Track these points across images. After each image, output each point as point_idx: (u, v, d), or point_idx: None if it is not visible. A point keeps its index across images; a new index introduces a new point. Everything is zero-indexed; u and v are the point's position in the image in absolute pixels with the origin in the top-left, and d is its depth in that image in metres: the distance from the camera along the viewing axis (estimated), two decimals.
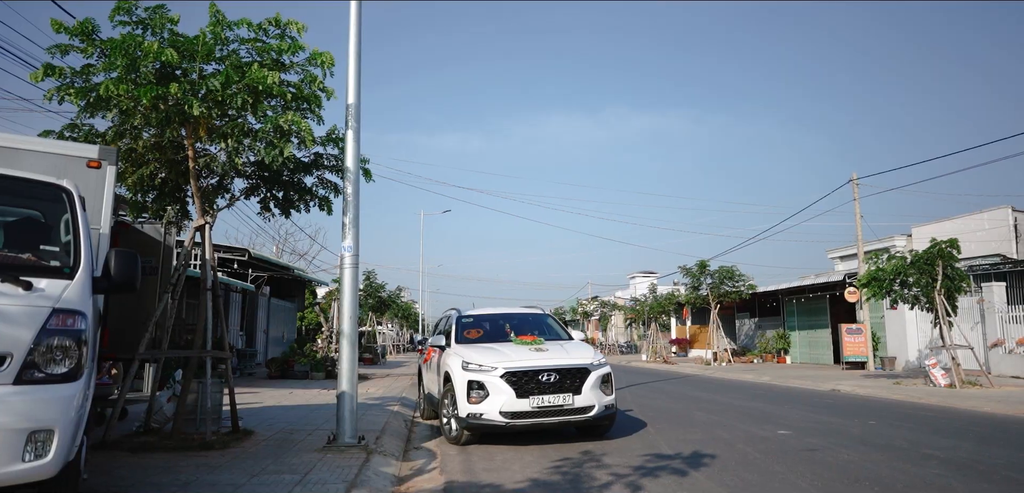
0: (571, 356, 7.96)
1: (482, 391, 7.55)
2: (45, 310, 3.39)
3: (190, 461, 6.09)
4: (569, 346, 8.50)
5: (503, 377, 7.56)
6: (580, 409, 7.60)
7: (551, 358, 7.86)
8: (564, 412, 7.54)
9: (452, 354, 8.32)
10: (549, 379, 7.58)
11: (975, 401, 12.30)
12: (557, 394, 7.54)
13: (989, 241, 24.44)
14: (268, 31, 7.08)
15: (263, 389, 14.14)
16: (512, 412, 7.43)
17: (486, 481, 5.90)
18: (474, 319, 9.60)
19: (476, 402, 7.54)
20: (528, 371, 7.60)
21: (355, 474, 5.71)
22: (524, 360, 7.76)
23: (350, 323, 7.15)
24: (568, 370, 7.70)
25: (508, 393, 7.46)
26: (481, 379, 7.60)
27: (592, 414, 7.67)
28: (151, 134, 7.27)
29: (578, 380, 7.68)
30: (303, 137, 7.09)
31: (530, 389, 7.51)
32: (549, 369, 7.66)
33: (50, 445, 3.28)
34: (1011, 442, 7.74)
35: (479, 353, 8.02)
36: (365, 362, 26.23)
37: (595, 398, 7.69)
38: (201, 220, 7.41)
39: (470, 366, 7.79)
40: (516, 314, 10.06)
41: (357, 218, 7.42)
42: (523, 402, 7.44)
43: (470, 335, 9.05)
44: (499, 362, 7.70)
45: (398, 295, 36.50)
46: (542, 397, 7.49)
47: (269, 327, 24.16)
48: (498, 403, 7.45)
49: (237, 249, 20.13)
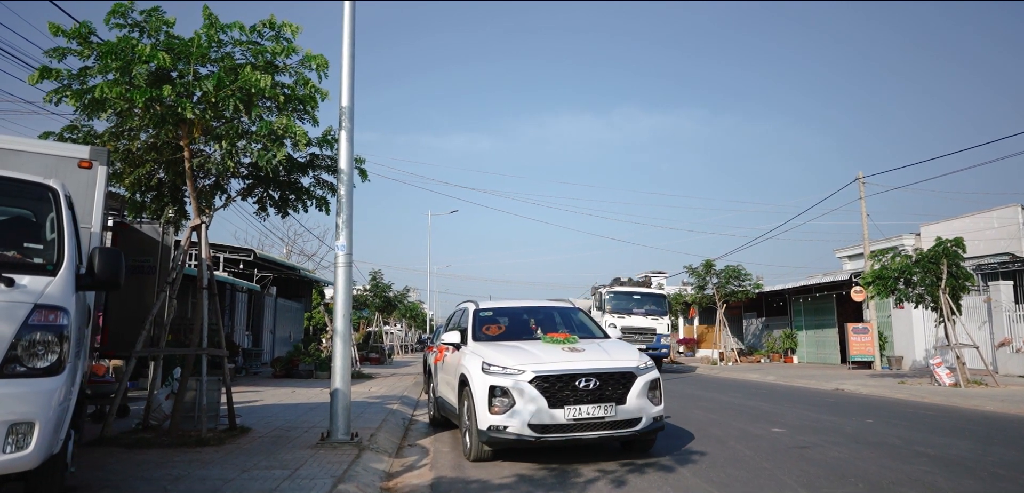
0: (613, 358, 6.72)
1: (507, 399, 6.29)
2: (27, 306, 3.48)
3: (184, 456, 6.18)
4: (608, 346, 7.26)
5: (533, 382, 6.26)
6: (625, 422, 6.35)
7: (589, 360, 6.59)
8: (605, 425, 6.28)
9: (469, 354, 7.15)
10: (588, 385, 6.29)
11: (979, 400, 12.21)
12: (597, 404, 6.26)
13: (998, 239, 24.23)
14: (262, 33, 7.18)
15: (266, 388, 14.27)
16: (543, 425, 6.14)
17: (473, 477, 5.96)
18: (493, 312, 8.39)
19: (499, 412, 6.27)
20: (563, 375, 6.31)
21: (344, 469, 5.77)
22: (557, 362, 6.50)
23: (343, 321, 7.23)
24: (610, 375, 6.43)
25: (539, 402, 6.18)
26: (505, 384, 6.32)
27: (639, 427, 6.40)
28: (148, 135, 7.38)
29: (622, 387, 6.41)
30: (296, 139, 7.18)
31: (565, 397, 6.24)
32: (588, 373, 6.36)
33: (31, 437, 3.37)
34: (1007, 440, 7.70)
35: (502, 353, 6.80)
36: (371, 362, 26.39)
37: (642, 408, 6.42)
38: (197, 220, 7.51)
39: (492, 368, 6.54)
40: (542, 307, 8.84)
41: (350, 218, 7.49)
42: (557, 413, 6.17)
43: (489, 331, 7.90)
44: (527, 364, 6.45)
45: (405, 295, 36.60)
46: (579, 407, 6.21)
47: (276, 327, 24.34)
48: (526, 414, 6.17)
49: (243, 249, 20.30)
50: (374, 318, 34.22)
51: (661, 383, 6.82)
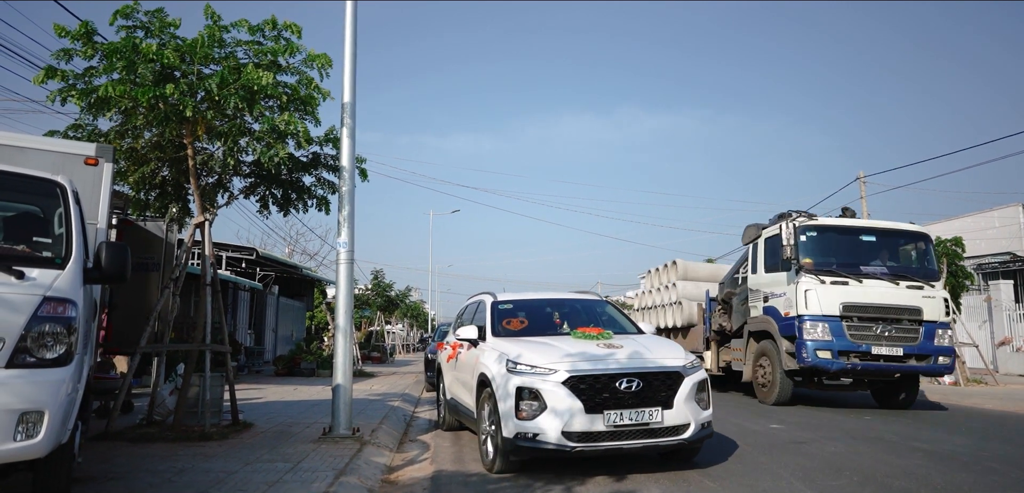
0: (656, 355, 5.96)
1: (536, 402, 5.52)
2: (37, 298, 3.57)
3: (188, 450, 6.27)
4: (648, 342, 6.50)
5: (566, 383, 5.49)
6: (671, 429, 5.59)
7: (629, 358, 5.82)
8: (650, 433, 5.52)
9: (489, 350, 6.45)
10: (630, 387, 5.54)
11: (977, 398, 12.27)
12: (640, 408, 5.50)
13: (999, 239, 24.27)
14: (265, 32, 7.27)
15: (268, 386, 14.36)
16: (579, 433, 5.38)
17: (473, 470, 6.04)
18: (514, 305, 7.57)
19: (528, 417, 5.51)
20: (601, 376, 5.56)
21: (346, 463, 5.85)
22: (593, 360, 5.73)
23: (344, 317, 7.31)
24: (655, 375, 5.68)
25: (574, 406, 5.40)
26: (535, 385, 5.56)
27: (687, 435, 5.64)
28: (152, 134, 7.47)
29: (668, 389, 5.66)
30: (299, 138, 7.26)
31: (603, 401, 5.48)
32: (629, 373, 5.60)
33: (41, 426, 3.45)
34: (1004, 437, 7.76)
35: (529, 349, 6.04)
36: (373, 361, 26.49)
37: (691, 413, 5.67)
38: (201, 217, 7.60)
39: (518, 366, 5.77)
40: (567, 299, 7.99)
41: (352, 215, 7.57)
42: (594, 419, 5.40)
43: (510, 325, 7.15)
44: (559, 362, 5.67)
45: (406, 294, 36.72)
46: (620, 412, 5.44)
47: (278, 326, 24.45)
48: (560, 419, 5.40)
49: (245, 248, 20.41)
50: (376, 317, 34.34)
51: (709, 384, 6.03)
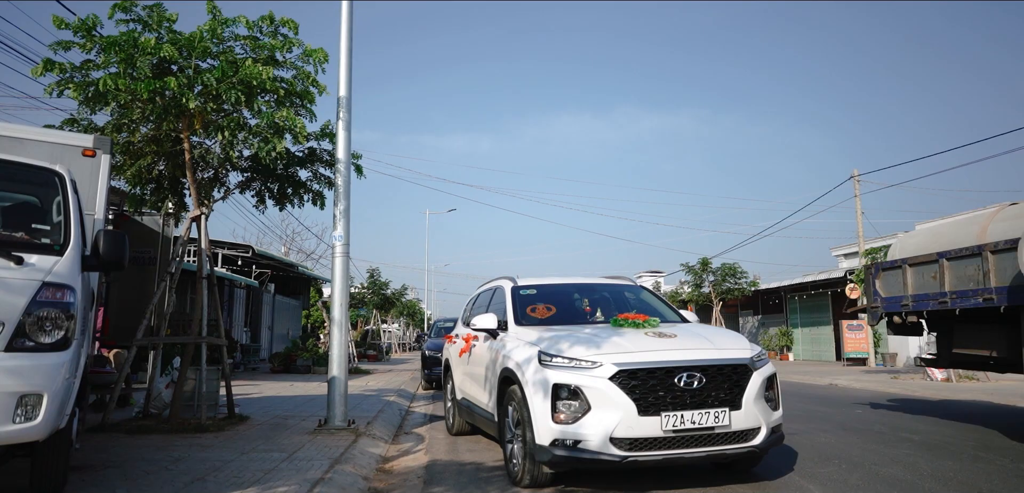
0: (718, 346, 4.98)
1: (577, 401, 4.58)
2: (36, 283, 3.62)
3: (184, 441, 6.32)
4: (705, 331, 5.51)
5: (615, 379, 4.55)
6: (739, 434, 4.66)
7: (687, 349, 4.86)
8: (715, 439, 4.59)
9: (514, 341, 5.58)
10: (690, 383, 4.60)
11: (969, 393, 12.39)
12: (704, 409, 4.56)
13: None
14: (262, 28, 7.33)
15: (264, 382, 14.40)
16: (631, 439, 4.46)
17: (468, 460, 6.10)
18: (538, 290, 6.58)
19: (567, 420, 4.56)
20: (656, 369, 4.61)
21: (341, 453, 5.92)
22: (645, 351, 4.77)
23: (340, 310, 7.36)
24: (719, 369, 4.73)
25: (624, 406, 4.48)
26: (576, 381, 4.61)
27: (757, 442, 4.71)
28: (149, 128, 7.51)
29: (735, 386, 4.72)
30: (296, 133, 7.32)
31: (660, 400, 4.53)
32: (690, 365, 4.66)
33: (39, 409, 3.51)
34: (992, 428, 7.85)
35: (565, 339, 5.06)
36: (369, 359, 26.50)
37: (761, 416, 4.75)
38: (197, 211, 7.64)
39: (555, 359, 4.82)
40: (598, 285, 6.95)
41: (348, 209, 7.63)
42: (649, 422, 4.46)
43: (535, 312, 6.21)
44: (604, 353, 4.73)
45: (403, 293, 36.75)
46: (681, 414, 4.49)
47: (274, 324, 24.47)
48: (607, 423, 4.46)
49: (242, 246, 20.42)
50: (372, 316, 34.36)
51: (778, 380, 5.13)
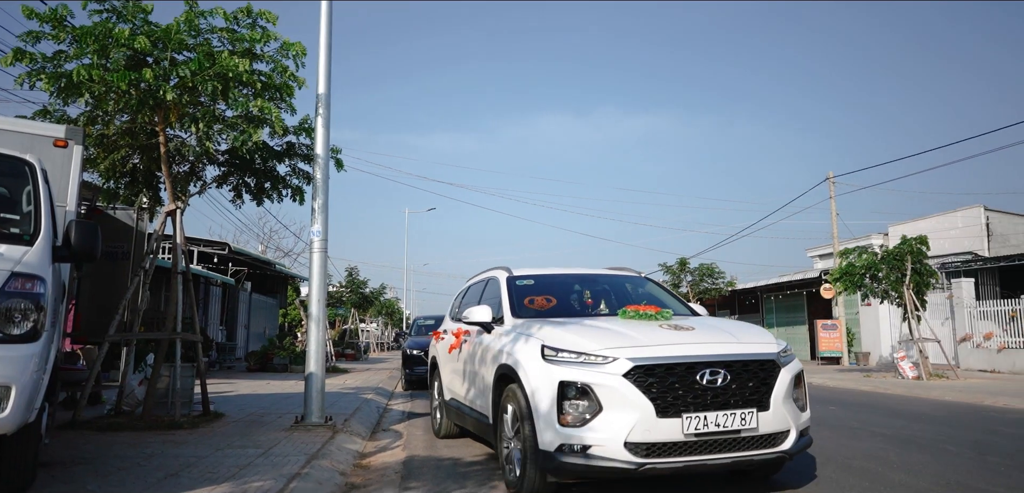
0: (741, 340, 4.50)
1: (587, 401, 4.08)
2: (4, 273, 3.55)
3: (157, 438, 6.23)
4: (724, 324, 5.15)
5: (630, 375, 4.05)
6: (767, 438, 4.20)
7: (708, 342, 4.41)
8: (741, 443, 4.12)
9: (512, 334, 5.03)
10: (714, 380, 4.10)
11: (939, 391, 12.63)
12: (729, 410, 4.08)
13: (962, 239, 24.97)
14: (239, 20, 7.25)
15: (240, 381, 14.25)
16: (649, 444, 3.98)
17: (446, 456, 6.09)
18: (536, 281, 6.10)
19: (575, 422, 4.06)
20: (676, 365, 4.11)
21: (318, 449, 5.87)
22: (663, 345, 4.27)
23: (318, 306, 7.31)
24: (745, 365, 4.24)
25: (641, 406, 3.98)
26: (586, 378, 4.10)
27: (786, 446, 4.25)
28: (123, 120, 7.40)
29: (762, 384, 4.25)
30: (273, 124, 7.25)
31: (680, 400, 4.04)
32: (713, 361, 4.17)
33: (7, 402, 3.44)
34: (960, 424, 8.03)
35: (571, 332, 4.57)
36: (347, 358, 26.35)
37: (790, 417, 4.29)
38: (172, 205, 7.54)
39: (560, 353, 4.32)
40: (600, 276, 6.49)
41: (326, 205, 7.57)
42: (669, 424, 3.98)
43: (534, 304, 5.72)
44: (616, 346, 4.22)
45: (381, 292, 36.54)
46: (703, 415, 4.02)
47: (250, 323, 24.21)
48: (621, 425, 3.97)
49: (218, 243, 20.19)
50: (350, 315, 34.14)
51: (805, 378, 4.69)
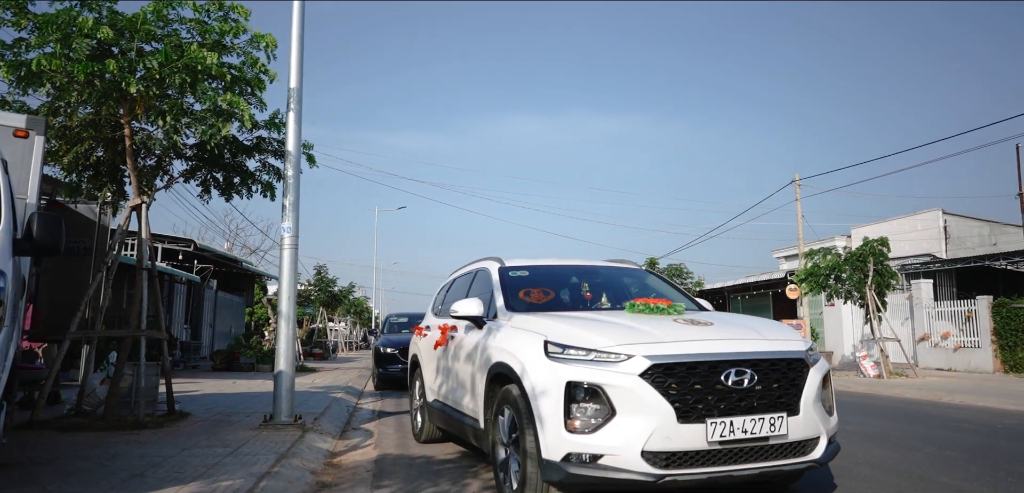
0: (766, 337, 4.05)
1: (598, 405, 3.61)
2: None
3: (120, 438, 6.08)
4: (744, 320, 4.67)
5: (648, 375, 3.58)
6: (797, 446, 3.78)
7: (731, 339, 3.96)
8: (769, 451, 3.70)
9: (508, 329, 4.57)
10: (740, 382, 3.66)
11: (898, 389, 12.98)
12: (757, 415, 3.63)
13: (921, 241, 25.70)
14: (210, 12, 7.11)
15: (205, 380, 13.98)
16: (670, 453, 3.52)
17: (419, 454, 6.06)
18: (531, 272, 5.61)
19: (585, 428, 3.60)
20: (698, 364, 3.65)
21: (288, 447, 5.79)
22: (682, 341, 3.83)
23: (288, 303, 7.21)
24: (772, 364, 3.80)
25: (660, 411, 3.52)
26: (597, 379, 3.62)
27: (817, 455, 3.85)
28: (87, 112, 7.20)
29: (791, 385, 3.81)
30: (243, 119, 7.12)
31: (704, 403, 3.59)
32: (739, 360, 3.73)
33: None
34: (915, 419, 8.28)
35: (577, 326, 4.11)
36: (315, 357, 26.04)
37: (821, 422, 3.89)
38: (137, 199, 7.36)
39: (567, 351, 3.83)
40: (600, 268, 6.02)
41: (297, 201, 7.48)
42: (692, 431, 3.52)
43: (530, 297, 5.22)
44: (631, 344, 3.75)
45: (350, 291, 36.20)
46: (730, 420, 3.57)
47: (215, 321, 23.78)
48: (638, 432, 3.50)
49: (183, 240, 19.78)
50: (318, 314, 33.73)
51: (832, 378, 4.28)
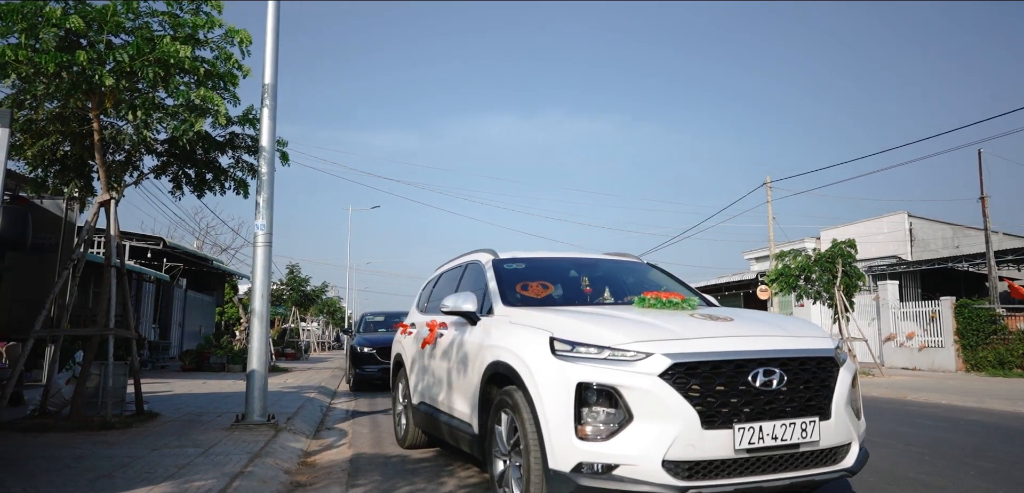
0: (792, 333, 3.70)
1: (613, 408, 3.27)
2: None
3: (87, 439, 5.94)
4: (764, 316, 4.30)
5: (668, 376, 3.22)
6: (828, 453, 3.45)
7: (756, 335, 3.58)
8: (800, 460, 3.36)
9: (505, 324, 4.23)
10: (769, 383, 3.31)
11: (866, 388, 13.25)
12: (787, 420, 3.29)
13: (887, 243, 26.28)
14: (183, 5, 6.99)
15: (175, 380, 13.72)
16: (694, 462, 3.19)
17: (394, 454, 6.03)
18: (527, 264, 5.27)
19: (599, 435, 3.25)
20: (723, 363, 3.30)
21: (261, 447, 5.72)
22: (706, 339, 3.46)
23: (261, 302, 7.12)
24: (802, 364, 3.45)
25: (683, 415, 3.17)
26: (611, 379, 3.27)
27: (849, 463, 3.52)
28: (54, 105, 7.02)
29: (821, 387, 3.47)
30: (216, 114, 7.02)
31: (731, 407, 3.24)
32: (767, 358, 3.38)
33: None
34: (881, 416, 8.50)
35: (585, 321, 3.75)
36: (287, 357, 25.75)
37: (853, 428, 3.57)
38: (106, 195, 7.20)
39: (577, 348, 3.47)
40: (600, 261, 5.71)
41: (271, 199, 7.39)
42: (718, 438, 3.18)
43: (528, 291, 4.86)
44: (648, 340, 3.39)
45: (323, 290, 35.85)
46: (759, 426, 3.22)
47: (185, 320, 23.37)
48: (659, 439, 3.16)
49: (151, 237, 19.41)
50: (291, 314, 33.34)
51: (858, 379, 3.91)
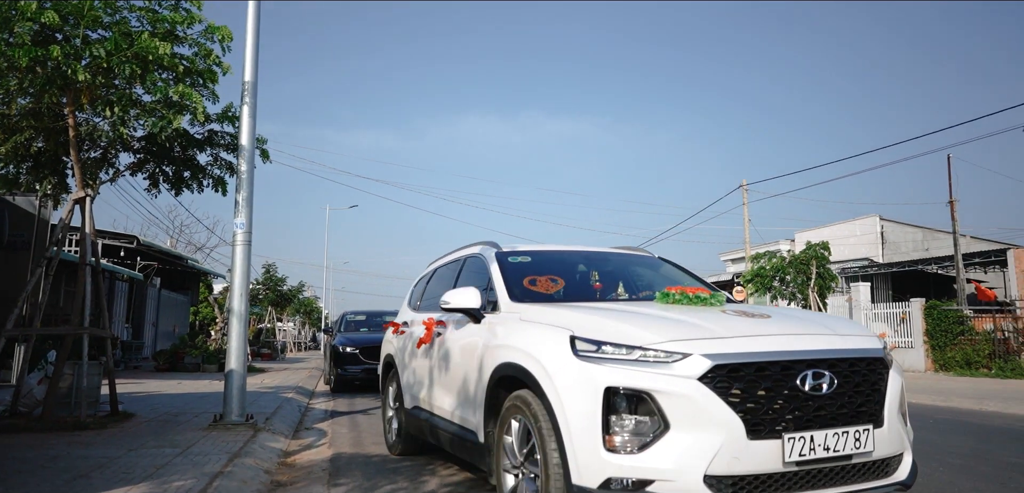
0: (837, 331, 3.36)
1: (646, 417, 2.92)
2: None
3: (61, 439, 5.85)
4: (801, 313, 4.14)
5: (708, 379, 2.89)
6: (879, 465, 3.15)
7: (798, 334, 3.25)
8: (852, 473, 3.06)
9: (515, 321, 3.88)
10: (818, 387, 3.00)
11: None
12: (839, 428, 2.98)
13: (860, 246, 26.79)
14: (161, 1, 6.91)
15: (149, 381, 13.52)
16: (738, 477, 2.85)
17: (374, 453, 6.03)
18: (533, 258, 4.94)
19: (632, 447, 2.90)
20: (768, 365, 2.96)
21: (240, 447, 5.68)
22: (747, 337, 3.13)
23: (240, 301, 7.06)
24: (852, 365, 3.14)
25: (726, 424, 2.83)
26: (644, 383, 2.93)
27: (903, 476, 3.23)
28: (27, 100, 6.90)
29: (872, 391, 3.17)
30: (195, 111, 6.94)
31: (779, 414, 2.92)
32: (814, 358, 3.06)
33: None
34: None
35: (613, 319, 3.38)
36: (263, 357, 25.50)
37: (905, 436, 3.30)
38: (81, 192, 7.09)
39: (602, 348, 3.12)
40: (610, 255, 5.37)
41: (251, 197, 7.32)
42: (766, 450, 2.85)
43: (536, 286, 4.49)
44: (684, 339, 3.05)
45: (299, 290, 35.54)
46: (809, 435, 2.91)
47: (159, 320, 23.03)
48: (700, 451, 2.82)
49: (124, 236, 19.09)
50: (267, 314, 33.00)
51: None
